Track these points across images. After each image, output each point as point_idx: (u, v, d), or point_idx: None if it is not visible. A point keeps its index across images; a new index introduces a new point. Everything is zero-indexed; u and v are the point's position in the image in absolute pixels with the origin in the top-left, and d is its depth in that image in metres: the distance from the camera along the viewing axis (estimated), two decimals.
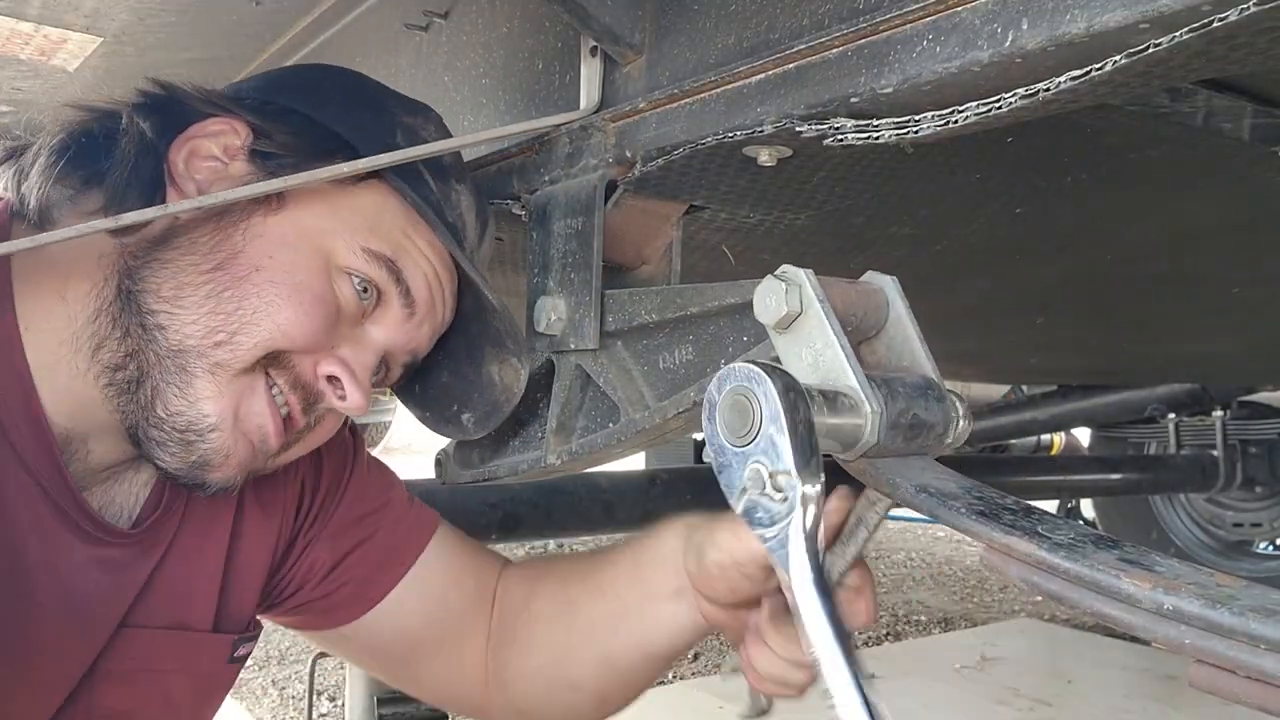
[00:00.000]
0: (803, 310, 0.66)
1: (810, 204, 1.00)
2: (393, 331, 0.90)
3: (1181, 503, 4.26)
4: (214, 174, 0.85)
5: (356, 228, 0.87)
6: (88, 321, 0.82)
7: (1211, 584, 0.50)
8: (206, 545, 0.96)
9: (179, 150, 0.86)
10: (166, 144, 0.86)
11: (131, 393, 0.82)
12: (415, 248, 0.90)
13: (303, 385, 0.86)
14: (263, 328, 0.81)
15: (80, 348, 0.82)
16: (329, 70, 1.01)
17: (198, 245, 0.83)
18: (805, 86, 0.72)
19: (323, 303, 0.84)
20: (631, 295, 0.91)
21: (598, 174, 0.92)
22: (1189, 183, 1.04)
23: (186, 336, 0.81)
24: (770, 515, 0.60)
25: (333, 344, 0.86)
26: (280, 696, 3.00)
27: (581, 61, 0.92)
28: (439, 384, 1.03)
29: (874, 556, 5.40)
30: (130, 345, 0.82)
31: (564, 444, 0.98)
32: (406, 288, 0.89)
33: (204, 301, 0.81)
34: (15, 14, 1.18)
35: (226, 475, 0.85)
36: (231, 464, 0.85)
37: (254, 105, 0.89)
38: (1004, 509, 0.61)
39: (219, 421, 0.82)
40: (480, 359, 0.99)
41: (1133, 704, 2.82)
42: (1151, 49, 0.53)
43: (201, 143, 0.86)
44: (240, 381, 0.83)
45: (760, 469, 0.60)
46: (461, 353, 1.00)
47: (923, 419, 0.66)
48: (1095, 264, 1.40)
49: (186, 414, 0.82)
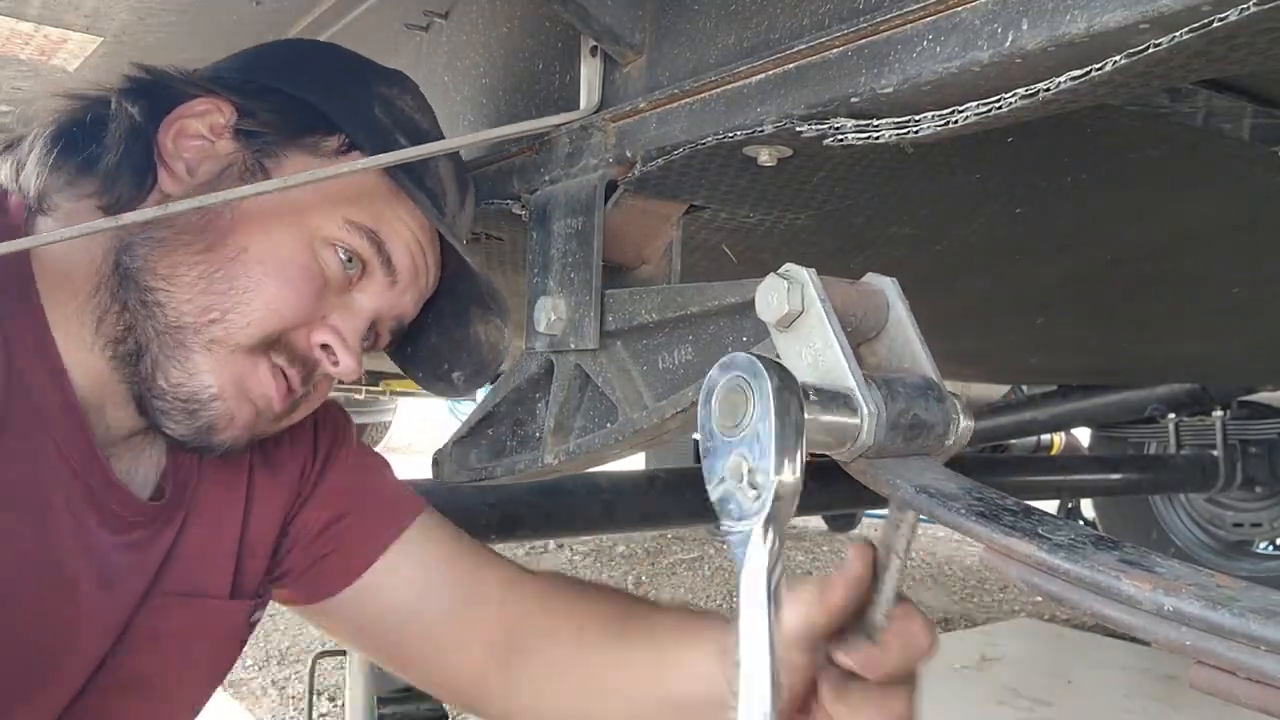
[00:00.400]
0: (804, 309, 0.66)
1: (810, 204, 1.00)
2: (378, 299, 0.93)
3: (1181, 503, 4.26)
4: (201, 153, 0.89)
5: (338, 199, 0.89)
6: (89, 296, 0.86)
7: (1212, 585, 0.50)
8: (223, 513, 0.99)
9: (167, 131, 0.89)
10: (155, 126, 0.89)
11: (133, 364, 0.86)
12: (396, 217, 0.93)
13: (300, 358, 0.90)
14: (254, 306, 0.85)
15: (85, 321, 0.86)
16: (305, 45, 1.04)
17: (190, 224, 0.86)
18: (805, 86, 0.72)
19: (309, 276, 0.88)
20: (631, 295, 0.91)
21: (598, 174, 0.92)
22: (1189, 183, 1.04)
23: (183, 314, 0.85)
24: (740, 509, 0.60)
25: (323, 313, 0.90)
26: (280, 696, 3.00)
27: (581, 61, 0.92)
28: (429, 345, 1.07)
29: None
30: (128, 319, 0.85)
31: (562, 444, 0.98)
32: (388, 257, 0.92)
33: (197, 281, 0.85)
34: (15, 14, 1.18)
35: (233, 435, 0.89)
36: (237, 425, 0.89)
37: (236, 84, 0.92)
38: (1004, 510, 0.60)
39: (220, 390, 0.87)
40: (467, 319, 1.03)
41: (1133, 704, 2.83)
42: (1151, 49, 0.53)
43: (188, 123, 0.89)
44: (240, 358, 0.87)
45: (742, 462, 0.60)
46: (449, 314, 1.04)
47: (923, 419, 0.66)
48: (1095, 264, 1.40)
49: (188, 385, 0.86)
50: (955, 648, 3.36)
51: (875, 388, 0.64)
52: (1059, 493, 4.43)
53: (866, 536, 0.75)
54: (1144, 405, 3.48)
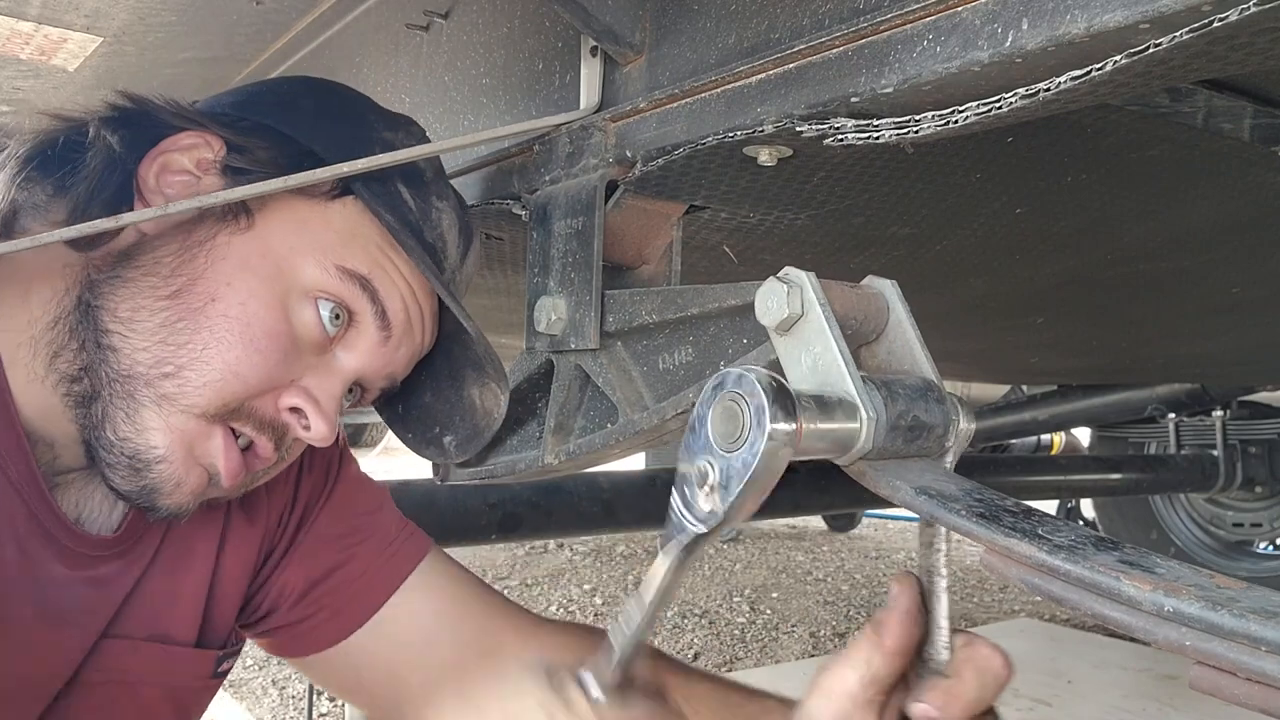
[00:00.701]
0: (803, 313, 0.66)
1: (810, 204, 1.00)
2: (366, 356, 0.87)
3: (1181, 503, 4.26)
4: (185, 189, 0.83)
5: (329, 245, 0.84)
6: (46, 328, 0.81)
7: (1212, 586, 0.50)
8: (193, 557, 0.94)
9: (149, 165, 0.83)
10: (136, 158, 0.83)
11: (85, 407, 0.80)
12: (393, 266, 0.87)
13: (269, 424, 0.83)
14: (213, 366, 0.79)
15: (38, 352, 0.80)
16: (307, 82, 0.98)
17: (160, 265, 0.81)
18: (805, 86, 0.72)
19: (275, 338, 0.81)
20: (632, 295, 0.91)
21: (598, 174, 0.92)
22: (1189, 183, 1.04)
23: (136, 363, 0.79)
24: (690, 507, 0.63)
25: (293, 375, 0.83)
26: (280, 696, 3.00)
27: (581, 61, 0.92)
28: (421, 404, 1.00)
29: (874, 556, 5.41)
30: (85, 359, 0.80)
31: (562, 444, 0.98)
32: (382, 309, 0.86)
33: (157, 330, 0.79)
34: (15, 14, 1.18)
35: (178, 502, 0.82)
36: (184, 491, 0.82)
37: (228, 120, 0.87)
38: (1004, 510, 0.60)
39: (167, 453, 0.80)
40: (462, 381, 0.97)
41: (1132, 704, 2.82)
42: (1151, 49, 0.53)
43: (173, 157, 0.83)
44: (193, 424, 0.80)
45: (710, 473, 0.61)
46: (444, 374, 0.98)
47: (923, 421, 0.66)
48: (1095, 264, 1.40)
49: (134, 441, 0.80)
50: None
51: (875, 390, 0.64)
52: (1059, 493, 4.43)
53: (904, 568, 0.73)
54: (1144, 405, 3.48)
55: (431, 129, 1.18)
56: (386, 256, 0.87)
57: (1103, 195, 1.07)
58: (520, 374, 1.03)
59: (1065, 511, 4.93)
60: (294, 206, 0.84)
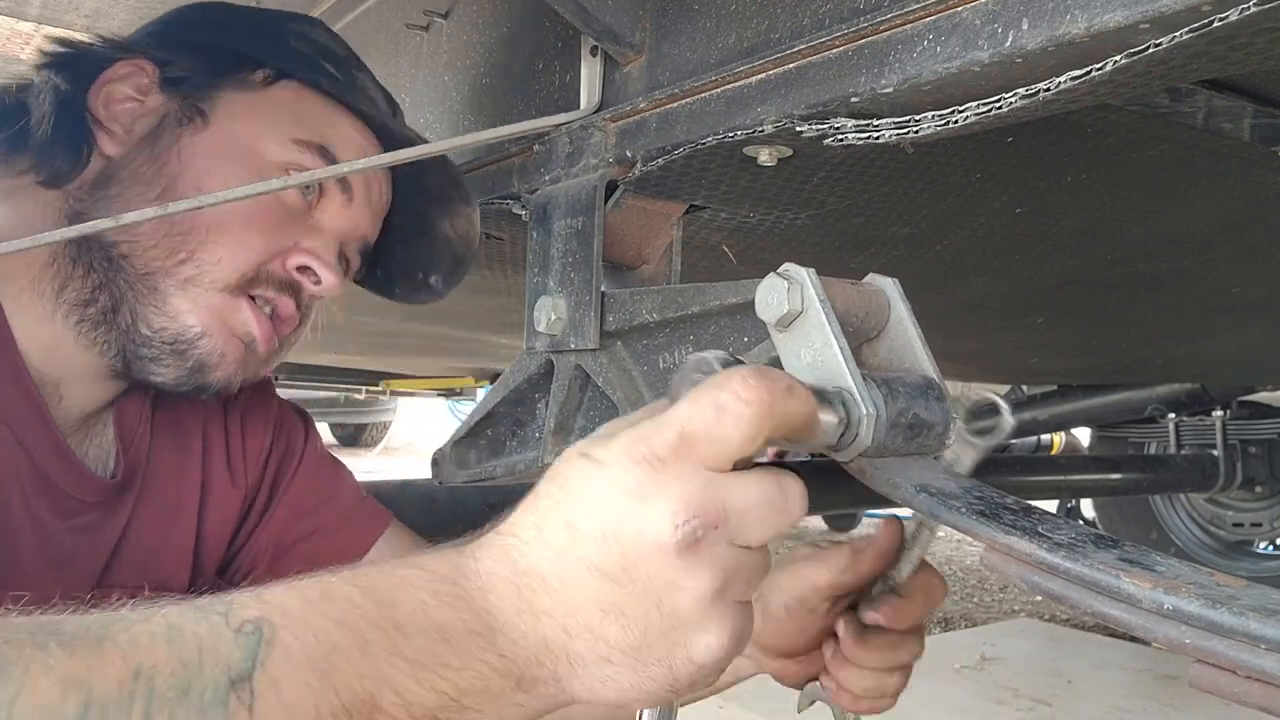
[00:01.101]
0: (803, 309, 0.66)
1: (810, 204, 1.00)
2: (338, 217, 0.95)
3: (1181, 502, 4.26)
4: (134, 113, 0.90)
5: (283, 124, 0.91)
6: (45, 266, 0.86)
7: (1212, 584, 0.50)
8: (179, 502, 0.98)
9: (96, 97, 0.90)
10: (83, 93, 0.89)
11: (109, 322, 0.86)
12: (339, 132, 0.95)
13: (286, 284, 0.91)
14: (222, 243, 0.86)
15: (42, 290, 0.86)
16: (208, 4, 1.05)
17: (139, 175, 0.87)
18: (805, 86, 0.72)
19: (266, 208, 0.88)
20: (631, 295, 0.91)
21: (598, 174, 0.92)
22: (1189, 183, 1.04)
23: (151, 261, 0.85)
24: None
25: (292, 240, 0.91)
26: None
27: (581, 61, 0.93)
28: (398, 260, 1.08)
29: None
30: (96, 279, 0.86)
31: (562, 444, 0.98)
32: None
33: (159, 227, 0.85)
34: (15, 14, 1.18)
35: (226, 374, 0.90)
36: (229, 362, 0.89)
37: (153, 44, 0.95)
38: (1004, 509, 0.61)
39: (204, 329, 0.87)
40: (428, 223, 1.05)
41: (1133, 704, 2.82)
42: (1151, 49, 0.53)
43: (115, 86, 0.90)
44: (219, 298, 0.87)
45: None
46: (409, 226, 1.06)
47: (923, 419, 0.66)
48: (1095, 264, 1.40)
49: (170, 328, 0.86)
50: (955, 648, 3.36)
51: (875, 387, 0.64)
52: (1059, 493, 4.42)
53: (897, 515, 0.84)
54: (1144, 405, 3.48)
55: (431, 129, 1.18)
56: (331, 125, 0.95)
57: (1103, 195, 1.07)
58: (520, 374, 1.03)
59: (1065, 511, 4.92)
60: (240, 99, 0.92)
